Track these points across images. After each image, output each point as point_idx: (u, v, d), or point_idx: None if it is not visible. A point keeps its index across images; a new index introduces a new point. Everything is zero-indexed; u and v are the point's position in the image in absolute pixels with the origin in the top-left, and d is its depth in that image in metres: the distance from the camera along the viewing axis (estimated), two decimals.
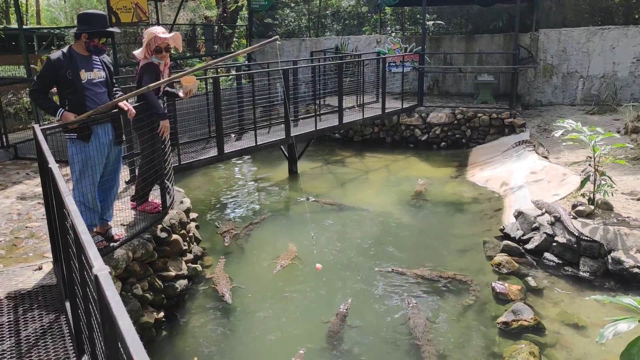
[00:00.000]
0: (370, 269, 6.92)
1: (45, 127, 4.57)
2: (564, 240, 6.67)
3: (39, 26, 25.11)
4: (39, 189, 6.56)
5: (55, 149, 5.15)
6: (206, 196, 10.31)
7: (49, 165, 3.39)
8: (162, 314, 5.62)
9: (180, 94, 5.93)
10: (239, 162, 12.87)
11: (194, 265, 6.60)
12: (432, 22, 17.86)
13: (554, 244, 6.80)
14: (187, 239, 6.65)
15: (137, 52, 5.78)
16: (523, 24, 15.05)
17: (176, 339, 5.53)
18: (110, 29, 4.85)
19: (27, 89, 11.32)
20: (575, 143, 7.60)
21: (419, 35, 16.40)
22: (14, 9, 15.32)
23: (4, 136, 9.08)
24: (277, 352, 5.32)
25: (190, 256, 6.62)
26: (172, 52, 6.11)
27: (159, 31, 5.66)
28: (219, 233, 8.02)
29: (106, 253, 4.93)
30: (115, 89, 5.13)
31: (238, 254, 7.47)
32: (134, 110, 5.06)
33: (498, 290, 6.10)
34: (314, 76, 12.59)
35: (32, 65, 11.21)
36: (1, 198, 6.90)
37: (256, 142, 9.68)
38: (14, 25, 19.92)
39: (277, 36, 5.97)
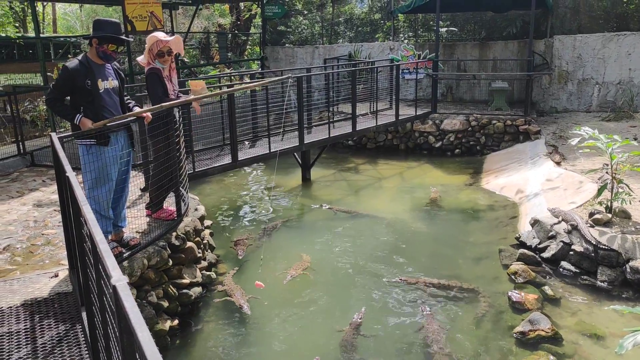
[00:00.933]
0: (384, 278, 6.88)
1: (62, 135, 4.61)
2: (581, 249, 6.58)
3: (55, 34, 25.44)
4: (55, 196, 6.62)
5: (72, 156, 5.19)
6: (220, 203, 10.33)
7: (66, 174, 3.41)
8: (176, 321, 5.62)
9: (191, 98, 5.95)
10: (253, 169, 12.89)
11: (208, 273, 6.60)
12: (446, 28, 17.83)
13: (571, 252, 6.71)
14: (202, 246, 6.66)
15: (141, 58, 5.85)
16: (537, 30, 14.98)
17: (190, 347, 5.52)
18: (121, 37, 4.87)
19: (44, 97, 11.45)
20: (592, 150, 7.52)
21: (432, 42, 16.39)
22: (31, 17, 15.54)
23: (20, 143, 9.18)
24: None
25: (204, 263, 6.63)
26: (185, 59, 6.18)
27: (161, 35, 5.71)
28: (232, 247, 7.91)
29: (121, 261, 4.94)
30: (127, 98, 5.18)
31: (251, 263, 7.44)
32: (150, 115, 5.11)
33: (514, 300, 6.03)
34: (327, 83, 12.60)
35: (48, 73, 11.36)
36: (18, 205, 6.96)
37: (270, 150, 9.69)
38: (32, 33, 20.21)
39: (290, 74, 6.05)
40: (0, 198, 7.26)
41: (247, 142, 10.35)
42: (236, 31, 21.80)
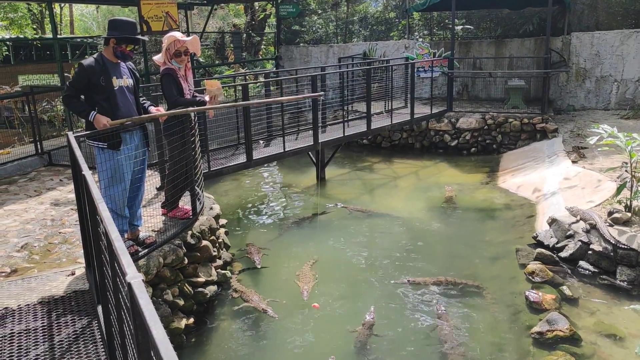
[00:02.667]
0: (398, 277, 6.84)
1: (79, 134, 4.64)
2: (600, 249, 6.49)
3: (72, 35, 25.70)
4: (72, 195, 6.67)
5: (88, 155, 5.23)
6: (235, 202, 10.36)
7: (83, 172, 3.43)
8: (191, 319, 5.64)
9: (206, 98, 5.97)
10: (267, 168, 12.91)
11: (223, 271, 6.61)
12: (461, 26, 17.70)
13: (590, 252, 6.62)
14: (217, 245, 6.68)
15: (157, 57, 5.84)
16: (554, 27, 14.80)
17: (205, 345, 5.54)
18: (139, 37, 4.92)
19: (61, 96, 11.56)
20: (611, 149, 7.42)
21: (447, 40, 16.28)
22: (49, 19, 15.73)
23: (38, 143, 9.28)
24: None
25: (219, 262, 6.64)
26: (200, 59, 6.19)
27: (179, 35, 5.74)
28: (247, 255, 7.54)
29: (137, 259, 4.97)
30: (142, 99, 5.21)
31: (264, 263, 7.40)
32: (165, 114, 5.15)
33: (532, 299, 5.96)
34: (342, 82, 12.56)
35: (65, 74, 11.45)
36: (36, 204, 7.04)
37: (284, 149, 9.70)
38: (49, 35, 20.45)
39: (323, 92, 6.08)
40: (18, 197, 7.34)
41: (261, 142, 10.37)
42: (251, 31, 21.85)
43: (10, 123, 12.22)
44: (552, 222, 7.43)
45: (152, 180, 6.71)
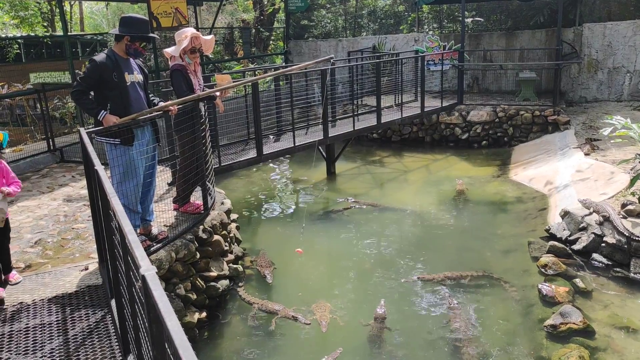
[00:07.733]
0: (410, 271, 6.82)
1: (91, 130, 4.66)
2: (614, 241, 6.43)
3: (82, 33, 25.79)
4: (84, 192, 6.71)
5: (100, 151, 5.26)
6: (246, 197, 10.38)
7: (95, 167, 3.45)
8: (204, 314, 5.67)
9: (217, 93, 5.97)
10: (278, 163, 12.90)
11: (235, 266, 6.64)
12: (471, 19, 17.57)
13: (603, 244, 6.57)
14: (228, 239, 6.69)
15: (171, 50, 5.75)
16: (566, 18, 14.66)
17: (218, 339, 5.56)
18: (152, 35, 4.96)
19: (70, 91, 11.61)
20: (624, 140, 7.34)
21: (457, 33, 16.18)
22: (59, 17, 15.82)
23: (50, 140, 9.34)
24: (318, 354, 5.29)
25: (231, 256, 6.66)
26: (209, 55, 6.20)
27: (198, 32, 5.75)
28: (258, 268, 7.06)
29: (150, 254, 4.99)
30: (151, 95, 5.22)
31: (275, 261, 7.40)
32: (175, 108, 5.15)
33: (544, 292, 5.92)
34: (352, 76, 12.52)
35: (76, 71, 11.50)
36: (48, 200, 7.09)
37: (294, 143, 9.70)
38: (60, 32, 20.56)
39: (333, 55, 6.09)
40: (31, 193, 7.40)
41: (271, 137, 10.37)
42: (259, 26, 21.83)
43: (22, 121, 12.32)
44: (565, 214, 7.37)
45: (163, 176, 6.73)
